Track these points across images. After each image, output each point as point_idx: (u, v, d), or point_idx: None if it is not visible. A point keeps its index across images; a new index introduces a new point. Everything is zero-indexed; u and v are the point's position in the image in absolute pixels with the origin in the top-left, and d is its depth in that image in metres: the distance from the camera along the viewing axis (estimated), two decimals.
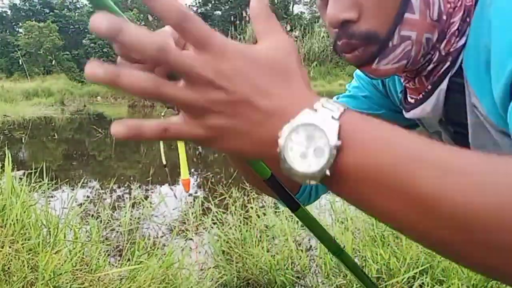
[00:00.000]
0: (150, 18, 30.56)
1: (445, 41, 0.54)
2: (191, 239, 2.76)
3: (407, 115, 0.62)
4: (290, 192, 0.60)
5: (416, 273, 1.96)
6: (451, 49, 0.55)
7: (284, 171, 0.33)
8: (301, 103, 0.33)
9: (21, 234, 1.95)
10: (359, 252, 2.27)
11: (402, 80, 0.64)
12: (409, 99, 0.62)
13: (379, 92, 0.75)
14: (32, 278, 1.64)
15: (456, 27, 0.54)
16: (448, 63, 0.55)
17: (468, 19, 0.54)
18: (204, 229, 2.90)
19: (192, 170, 6.45)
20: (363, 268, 2.09)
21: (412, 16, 0.52)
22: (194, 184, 5.33)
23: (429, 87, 0.57)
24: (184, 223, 3.04)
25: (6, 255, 1.71)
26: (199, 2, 34.30)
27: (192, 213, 3.10)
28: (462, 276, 1.92)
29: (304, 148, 0.32)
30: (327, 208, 3.18)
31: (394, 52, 0.53)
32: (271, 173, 0.58)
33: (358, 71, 0.77)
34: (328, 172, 0.32)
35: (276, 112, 0.33)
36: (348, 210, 2.80)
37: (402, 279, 1.94)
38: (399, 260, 2.03)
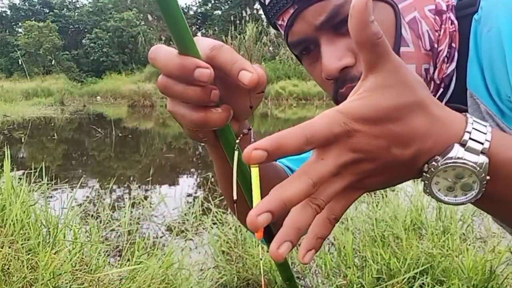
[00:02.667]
0: (150, 18, 30.55)
1: (437, 70, 0.54)
2: (191, 239, 2.76)
3: None
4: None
5: (416, 273, 1.96)
6: (443, 76, 0.54)
7: (425, 193, 0.35)
8: (446, 137, 0.32)
9: (21, 234, 1.95)
10: (359, 252, 2.26)
11: None
12: None
13: None
14: (31, 278, 1.63)
15: (444, 54, 0.54)
16: (441, 90, 0.55)
17: (453, 45, 0.54)
18: (204, 229, 2.89)
19: (192, 170, 6.45)
20: (363, 268, 2.09)
21: (408, 49, 0.52)
22: (194, 184, 5.33)
23: None
24: (184, 223, 3.04)
25: (6, 255, 1.71)
26: (199, 2, 34.31)
27: (192, 213, 3.10)
28: (462, 277, 1.92)
29: (452, 183, 0.33)
30: None
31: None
32: None
33: None
34: (473, 200, 0.34)
35: (421, 153, 0.32)
36: (348, 210, 2.80)
37: (403, 279, 1.94)
38: (399, 260, 2.03)
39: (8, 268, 1.67)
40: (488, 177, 0.32)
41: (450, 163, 0.32)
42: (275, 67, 21.02)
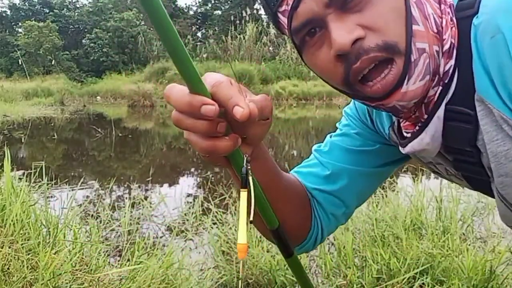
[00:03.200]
0: None
1: (443, 61, 0.53)
2: (191, 239, 2.76)
3: (404, 150, 0.59)
4: (290, 242, 0.67)
5: (416, 273, 1.96)
6: (445, 70, 0.53)
7: None
8: None
9: (21, 234, 1.95)
10: (359, 252, 2.26)
11: (397, 119, 0.62)
12: (405, 134, 0.60)
13: (369, 127, 0.73)
14: (31, 278, 1.63)
15: (448, 45, 0.52)
16: (440, 88, 0.54)
17: (453, 41, 0.53)
18: (204, 229, 2.89)
19: (192, 170, 6.45)
20: (363, 268, 2.09)
21: (418, 28, 0.50)
22: (194, 184, 5.33)
23: (425, 116, 0.55)
24: (184, 223, 3.04)
25: (6, 255, 1.71)
26: (199, 2, 34.30)
27: (192, 213, 3.10)
28: (462, 277, 1.92)
29: None
30: None
31: (417, 66, 0.50)
32: (279, 224, 0.62)
33: (346, 109, 0.77)
34: None
35: None
36: None
37: (403, 279, 1.94)
38: (399, 260, 2.03)
39: (8, 268, 1.68)
40: None
41: None
42: (275, 67, 21.02)
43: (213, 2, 33.87)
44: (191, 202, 3.75)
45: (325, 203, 0.73)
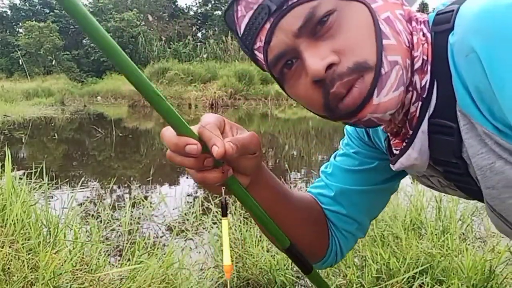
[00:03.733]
0: (150, 18, 30.55)
1: (417, 77, 0.55)
2: (191, 239, 2.76)
3: (394, 167, 0.61)
4: (307, 258, 0.71)
5: (416, 273, 1.97)
6: (421, 85, 0.55)
7: None
8: None
9: (21, 234, 1.95)
10: (359, 252, 2.27)
11: (388, 135, 0.65)
12: (395, 152, 0.63)
13: (367, 144, 0.76)
14: (32, 278, 1.64)
15: (420, 62, 0.54)
16: (420, 103, 0.55)
17: (425, 57, 0.54)
18: (204, 229, 2.90)
19: None
20: (363, 268, 2.09)
21: (390, 42, 0.52)
22: (194, 184, 5.33)
23: (410, 132, 0.57)
24: (184, 223, 3.04)
25: (6, 255, 1.71)
26: (199, 2, 34.30)
27: (192, 213, 3.10)
28: (462, 276, 1.92)
29: None
30: None
31: (389, 79, 0.52)
32: (290, 243, 0.66)
33: (347, 127, 0.79)
34: None
35: None
36: None
37: (402, 279, 1.94)
38: (399, 260, 2.03)
39: (8, 268, 1.68)
40: None
41: None
42: None
43: (213, 2, 33.86)
44: (191, 202, 3.75)
45: (337, 221, 0.76)
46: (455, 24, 0.52)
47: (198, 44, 26.66)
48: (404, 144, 0.58)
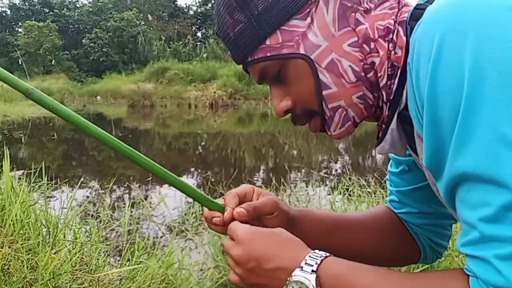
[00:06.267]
0: (150, 17, 30.54)
1: (383, 90, 0.58)
2: (191, 239, 2.76)
3: (376, 150, 0.68)
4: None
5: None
6: (391, 91, 0.58)
7: None
8: (292, 262, 0.54)
9: (21, 234, 1.94)
10: None
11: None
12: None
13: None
14: (31, 279, 1.63)
15: (385, 79, 0.57)
16: (388, 104, 0.59)
17: (396, 64, 0.57)
18: (204, 229, 2.89)
19: (192, 170, 6.45)
20: None
21: (331, 91, 0.59)
22: (194, 184, 5.33)
23: (383, 126, 0.62)
24: (184, 223, 3.04)
25: (6, 255, 1.71)
26: (199, 2, 34.29)
27: (192, 213, 3.09)
28: None
29: None
30: (327, 208, 3.17)
31: (333, 121, 0.62)
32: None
33: None
34: None
35: (278, 271, 0.55)
36: (348, 210, 2.80)
37: None
38: None
39: (8, 268, 1.67)
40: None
41: (293, 281, 0.52)
42: None
43: (213, 1, 33.83)
44: (191, 202, 3.75)
45: (413, 220, 0.79)
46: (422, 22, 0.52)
47: (198, 43, 26.65)
48: (380, 134, 0.63)
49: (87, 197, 4.11)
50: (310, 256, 0.53)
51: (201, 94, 17.04)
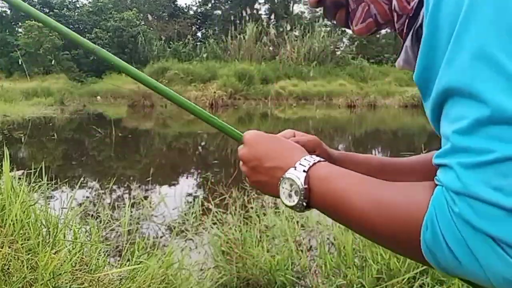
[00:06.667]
0: (150, 18, 30.52)
1: (395, 1, 0.61)
2: (191, 239, 2.76)
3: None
4: None
5: (416, 273, 1.96)
6: (411, 8, 0.59)
7: (283, 204, 0.59)
8: (289, 163, 0.58)
9: (21, 234, 1.95)
10: (359, 252, 2.26)
11: None
12: None
13: None
14: (31, 278, 1.63)
15: None
16: (406, 20, 0.60)
17: None
18: (204, 229, 2.89)
19: (192, 170, 6.44)
20: (363, 268, 2.08)
21: None
22: (194, 184, 5.33)
23: (402, 43, 0.64)
24: (184, 223, 3.04)
25: (6, 255, 1.71)
26: (199, 2, 34.27)
27: (192, 213, 3.09)
28: None
29: (289, 191, 0.57)
30: None
31: (355, 14, 0.65)
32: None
33: None
34: (304, 204, 0.56)
35: (276, 169, 0.60)
36: None
37: (403, 280, 1.94)
38: (399, 260, 2.03)
39: (8, 268, 1.67)
40: (306, 186, 0.55)
41: (286, 178, 0.57)
42: (275, 67, 20.99)
43: (213, 2, 33.83)
44: (191, 202, 3.75)
45: None
46: None
47: (198, 43, 26.65)
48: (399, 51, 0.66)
49: (87, 197, 4.11)
50: (305, 159, 0.58)
51: (201, 94, 17.04)
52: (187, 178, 5.84)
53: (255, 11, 31.34)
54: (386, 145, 9.26)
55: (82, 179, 4.46)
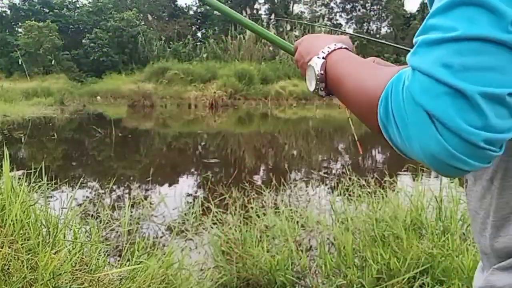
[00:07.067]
0: (150, 18, 30.51)
1: None
2: (191, 239, 2.76)
3: None
4: None
5: (416, 273, 1.96)
6: None
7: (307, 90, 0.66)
8: (317, 52, 0.62)
9: (21, 234, 1.94)
10: (359, 252, 2.26)
11: None
12: None
13: None
14: (31, 278, 1.63)
15: None
16: None
17: None
18: (204, 229, 2.89)
19: (192, 170, 6.44)
20: (363, 268, 2.08)
21: None
22: (194, 184, 5.33)
23: None
24: (184, 223, 3.04)
25: (6, 255, 1.71)
26: (199, 2, 34.24)
27: (192, 213, 3.09)
28: (462, 277, 1.92)
29: (310, 77, 0.63)
30: (327, 208, 3.17)
31: None
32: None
33: None
34: (322, 88, 0.61)
35: (310, 60, 0.63)
36: (348, 210, 2.80)
37: (403, 279, 1.94)
38: (400, 260, 2.03)
39: (8, 268, 1.67)
40: (322, 71, 0.59)
41: (310, 64, 0.62)
42: (275, 67, 20.98)
43: None
44: (191, 202, 3.75)
45: None
46: None
47: (198, 43, 26.63)
48: None
49: (87, 197, 4.11)
50: (328, 47, 0.60)
51: (201, 94, 17.03)
52: (187, 178, 5.84)
53: (255, 11, 31.33)
54: (386, 145, 9.25)
55: (82, 179, 4.46)
